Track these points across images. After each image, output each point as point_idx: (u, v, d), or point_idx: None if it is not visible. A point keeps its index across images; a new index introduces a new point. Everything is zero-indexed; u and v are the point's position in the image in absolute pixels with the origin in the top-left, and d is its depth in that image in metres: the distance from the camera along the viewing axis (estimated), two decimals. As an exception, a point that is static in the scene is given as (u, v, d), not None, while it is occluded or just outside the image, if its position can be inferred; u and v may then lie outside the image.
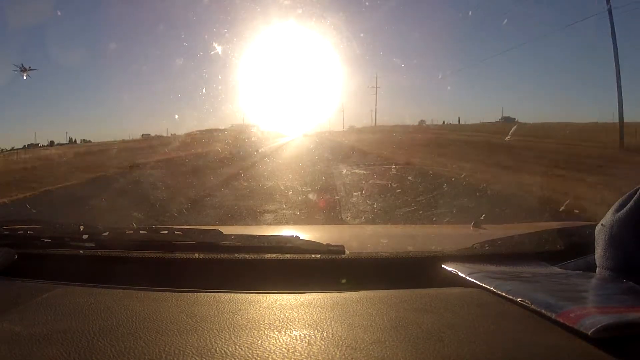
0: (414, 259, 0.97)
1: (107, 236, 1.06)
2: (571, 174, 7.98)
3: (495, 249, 0.98)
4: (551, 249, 0.98)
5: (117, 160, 14.63)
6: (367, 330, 0.63)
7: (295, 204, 5.53)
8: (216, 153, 13.53)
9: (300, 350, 0.57)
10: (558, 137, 18.65)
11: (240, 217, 4.91)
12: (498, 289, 0.74)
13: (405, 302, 0.73)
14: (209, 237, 1.05)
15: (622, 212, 0.72)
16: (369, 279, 0.90)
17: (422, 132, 27.46)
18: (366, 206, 5.23)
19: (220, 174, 8.55)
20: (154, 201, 5.64)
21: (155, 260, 0.99)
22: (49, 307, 0.73)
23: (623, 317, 0.57)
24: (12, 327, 0.65)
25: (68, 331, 0.63)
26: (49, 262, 1.01)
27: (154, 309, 0.72)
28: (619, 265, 0.72)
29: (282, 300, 0.76)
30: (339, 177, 7.92)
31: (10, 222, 1.15)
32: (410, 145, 15.83)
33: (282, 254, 0.97)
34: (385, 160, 11.03)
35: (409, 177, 7.57)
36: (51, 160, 17.63)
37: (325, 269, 0.95)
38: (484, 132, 23.35)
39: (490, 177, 7.42)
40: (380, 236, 1.42)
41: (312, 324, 0.65)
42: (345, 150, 15.12)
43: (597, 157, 11.23)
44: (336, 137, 27.85)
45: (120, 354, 0.57)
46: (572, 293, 0.70)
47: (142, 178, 8.95)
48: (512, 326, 0.64)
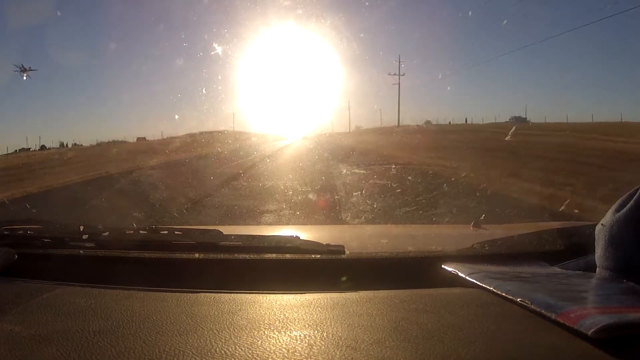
0: (414, 259, 0.97)
1: (107, 236, 1.06)
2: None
3: (495, 249, 0.98)
4: (551, 249, 0.98)
5: (88, 169, 13.38)
6: (367, 330, 0.63)
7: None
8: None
9: (300, 351, 0.57)
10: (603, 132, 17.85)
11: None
12: (498, 289, 0.74)
13: (405, 302, 0.73)
14: (209, 237, 1.05)
15: (622, 212, 0.72)
16: (369, 279, 0.90)
17: (448, 132, 26.02)
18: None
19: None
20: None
21: (155, 260, 0.99)
22: (49, 307, 0.73)
23: (623, 317, 0.57)
24: (12, 327, 0.65)
25: (68, 331, 0.63)
26: (49, 262, 1.01)
27: (154, 309, 0.72)
28: (619, 265, 0.72)
29: (282, 300, 0.76)
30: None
31: (10, 222, 1.15)
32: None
33: (282, 254, 0.97)
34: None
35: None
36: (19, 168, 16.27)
37: (325, 269, 0.95)
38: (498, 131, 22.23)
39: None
40: (380, 236, 1.43)
41: (312, 324, 0.65)
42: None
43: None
44: (340, 139, 26.87)
45: (120, 354, 0.57)
46: (572, 293, 0.70)
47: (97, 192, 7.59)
48: (512, 326, 0.64)
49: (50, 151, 32.90)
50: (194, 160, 14.43)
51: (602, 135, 17.06)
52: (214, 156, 15.84)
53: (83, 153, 23.71)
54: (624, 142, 14.60)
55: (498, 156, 11.96)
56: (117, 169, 12.81)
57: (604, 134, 17.45)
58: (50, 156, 25.53)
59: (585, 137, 16.89)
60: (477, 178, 7.61)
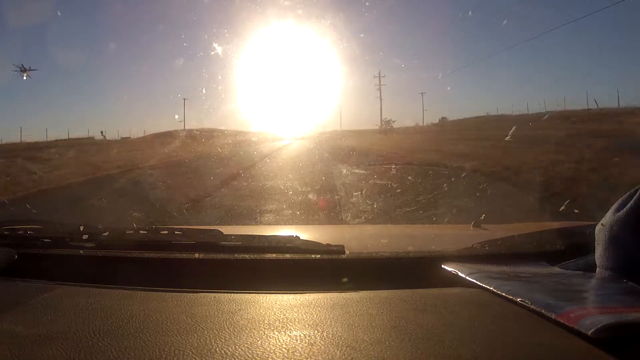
0: (414, 259, 0.97)
1: (107, 236, 1.06)
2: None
3: (495, 249, 0.98)
4: (551, 249, 0.98)
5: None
6: (367, 330, 0.63)
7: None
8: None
9: (301, 351, 0.57)
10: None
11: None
12: (498, 289, 0.74)
13: (405, 302, 0.73)
14: (209, 237, 1.05)
15: (622, 212, 0.72)
16: (369, 279, 0.90)
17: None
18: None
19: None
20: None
21: (155, 260, 0.99)
22: (49, 307, 0.73)
23: (623, 317, 0.57)
24: (12, 327, 0.65)
25: (68, 331, 0.63)
26: (49, 262, 1.01)
27: (154, 309, 0.72)
28: (619, 265, 0.72)
29: (282, 300, 0.76)
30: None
31: (10, 222, 1.15)
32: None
33: (282, 254, 0.97)
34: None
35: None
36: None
37: (325, 269, 0.95)
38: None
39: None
40: (380, 236, 1.42)
41: (312, 324, 0.65)
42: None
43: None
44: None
45: (120, 354, 0.57)
46: (572, 293, 0.70)
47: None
48: (512, 326, 0.64)
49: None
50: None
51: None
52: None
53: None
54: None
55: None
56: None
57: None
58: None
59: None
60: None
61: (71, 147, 21.95)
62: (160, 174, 9.72)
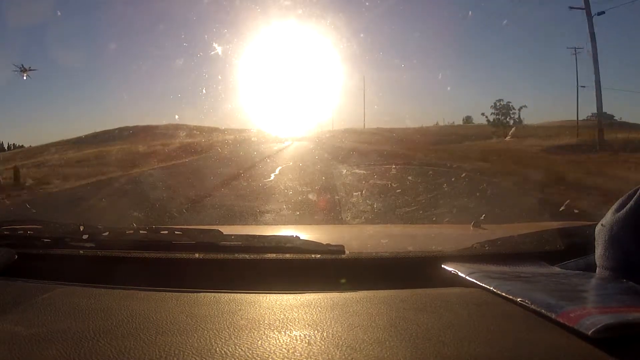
0: (414, 259, 0.97)
1: (107, 236, 1.06)
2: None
3: (495, 249, 0.98)
4: (551, 249, 0.98)
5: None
6: (367, 330, 0.63)
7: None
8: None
9: (301, 351, 0.57)
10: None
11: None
12: (498, 289, 0.74)
13: (405, 302, 0.73)
14: (209, 237, 1.05)
15: (622, 212, 0.72)
16: (369, 279, 0.90)
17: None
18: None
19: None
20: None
21: (155, 260, 0.99)
22: (49, 307, 0.73)
23: (623, 317, 0.57)
24: (12, 327, 0.65)
25: (68, 331, 0.63)
26: (49, 262, 1.01)
27: (154, 309, 0.72)
28: (619, 265, 0.72)
29: (282, 300, 0.76)
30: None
31: (10, 222, 1.15)
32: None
33: (282, 254, 0.97)
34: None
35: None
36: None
37: (325, 269, 0.95)
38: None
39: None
40: (380, 236, 1.43)
41: (312, 324, 0.65)
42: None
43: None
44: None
45: (120, 354, 0.57)
46: (572, 293, 0.70)
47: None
48: (512, 326, 0.64)
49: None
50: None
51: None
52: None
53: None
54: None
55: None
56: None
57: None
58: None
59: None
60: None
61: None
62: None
